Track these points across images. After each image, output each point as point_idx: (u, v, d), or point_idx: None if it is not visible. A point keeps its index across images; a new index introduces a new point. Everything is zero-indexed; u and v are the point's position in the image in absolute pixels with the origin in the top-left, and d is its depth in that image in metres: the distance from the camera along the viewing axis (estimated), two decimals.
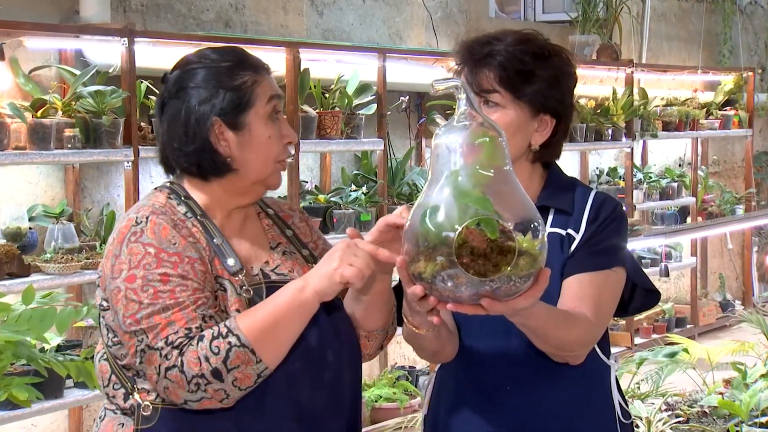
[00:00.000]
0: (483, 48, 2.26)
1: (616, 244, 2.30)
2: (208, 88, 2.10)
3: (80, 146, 4.21)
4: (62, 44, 4.49)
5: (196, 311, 1.99)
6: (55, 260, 4.20)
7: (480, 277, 1.77)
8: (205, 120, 2.09)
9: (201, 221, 2.11)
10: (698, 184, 8.37)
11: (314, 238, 2.31)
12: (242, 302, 2.06)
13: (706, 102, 8.49)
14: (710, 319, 8.34)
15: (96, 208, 4.71)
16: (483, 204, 1.78)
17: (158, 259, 2.01)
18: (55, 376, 3.66)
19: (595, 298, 2.22)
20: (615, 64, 7.40)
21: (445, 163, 1.84)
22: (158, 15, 5.03)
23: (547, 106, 2.28)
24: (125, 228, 2.05)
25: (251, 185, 2.15)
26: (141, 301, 1.99)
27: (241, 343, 1.95)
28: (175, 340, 1.96)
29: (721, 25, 9.28)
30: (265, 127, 2.12)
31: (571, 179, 2.41)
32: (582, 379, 2.32)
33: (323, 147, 5.30)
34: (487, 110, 2.24)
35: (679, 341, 5.53)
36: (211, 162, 2.11)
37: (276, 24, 5.63)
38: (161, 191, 2.16)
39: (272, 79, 2.17)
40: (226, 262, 2.09)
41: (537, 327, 2.10)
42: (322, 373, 2.10)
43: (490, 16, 7.27)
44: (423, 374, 5.95)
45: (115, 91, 4.28)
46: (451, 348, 2.32)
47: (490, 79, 2.24)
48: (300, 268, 2.20)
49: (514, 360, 2.29)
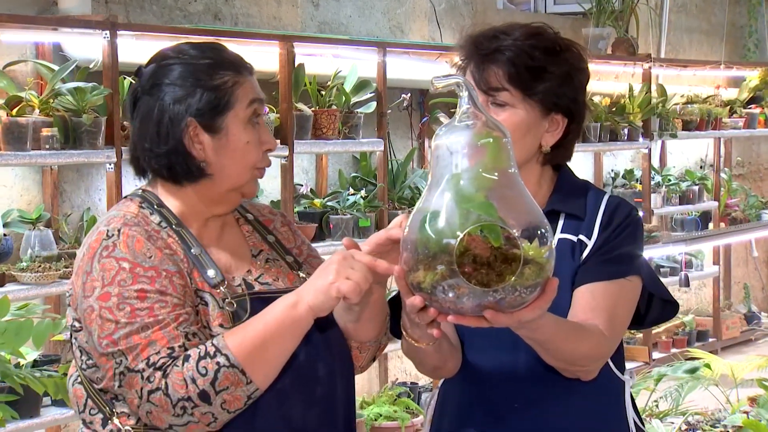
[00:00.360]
0: (490, 43, 2.26)
1: (630, 252, 2.30)
2: (184, 86, 2.09)
3: (59, 147, 4.21)
4: (39, 37, 4.50)
5: (177, 329, 1.98)
6: (31, 269, 4.20)
7: (483, 287, 1.77)
8: (179, 120, 2.09)
9: (176, 231, 2.11)
10: (721, 187, 8.37)
11: (298, 244, 2.31)
12: (225, 316, 2.06)
13: (729, 99, 8.50)
14: (734, 332, 8.34)
15: (76, 213, 4.71)
16: (486, 209, 1.78)
17: (134, 274, 2.00)
18: (32, 394, 3.65)
19: (609, 309, 2.22)
20: (631, 58, 7.41)
21: (446, 166, 1.84)
22: (142, 6, 5.04)
23: (559, 104, 2.29)
24: (95, 242, 2.04)
25: (226, 192, 2.15)
26: (117, 320, 1.98)
27: (230, 364, 1.95)
28: (158, 361, 1.96)
29: (746, 17, 9.29)
30: (243, 132, 2.11)
31: (583, 182, 2.42)
32: (594, 396, 2.32)
33: (319, 148, 5.31)
34: (494, 110, 2.24)
35: (701, 356, 5.53)
36: (184, 165, 2.11)
37: (268, 16, 5.64)
38: (132, 200, 2.15)
39: (254, 81, 2.16)
40: (205, 273, 2.09)
41: (545, 340, 2.11)
42: (313, 388, 2.10)
43: (497, 8, 7.29)
44: (426, 391, 5.95)
45: (96, 88, 4.28)
46: (453, 363, 2.32)
47: (498, 77, 2.24)
48: (285, 276, 2.21)
49: (521, 376, 2.29)
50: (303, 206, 5.43)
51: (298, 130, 5.12)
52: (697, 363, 5.13)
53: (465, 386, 2.36)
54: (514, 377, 2.30)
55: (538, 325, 1.99)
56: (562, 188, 2.36)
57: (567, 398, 2.29)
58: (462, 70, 2.31)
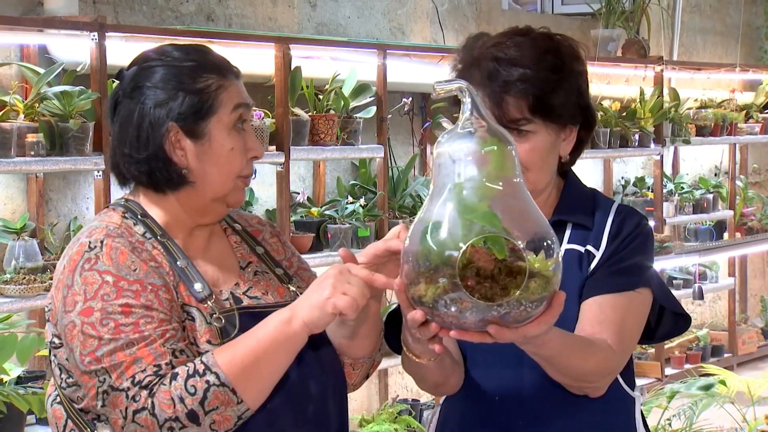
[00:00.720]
0: (501, 73, 2.24)
1: (640, 263, 2.31)
2: (166, 90, 2.09)
3: (44, 153, 4.21)
4: (24, 39, 4.50)
5: (164, 345, 1.98)
6: (15, 281, 4.20)
7: (486, 301, 1.77)
8: (160, 125, 2.09)
9: (161, 242, 2.11)
10: (736, 195, 8.38)
11: (288, 255, 2.31)
12: (213, 332, 2.06)
13: (745, 104, 8.51)
14: (751, 347, 8.34)
15: (62, 222, 4.72)
16: (490, 220, 1.78)
17: (118, 288, 1.99)
18: (16, 412, 3.65)
19: (618, 323, 2.23)
20: (643, 61, 7.42)
21: (448, 175, 1.84)
22: (132, 7, 5.05)
23: (574, 116, 2.33)
24: (77, 254, 2.04)
25: (210, 202, 2.14)
26: (101, 336, 1.97)
27: (220, 382, 1.94)
28: (143, 379, 1.95)
29: (763, 18, 9.30)
30: (227, 138, 2.11)
31: (591, 190, 2.43)
32: (603, 414, 2.32)
33: (317, 154, 5.32)
34: (516, 139, 2.25)
35: (716, 372, 5.53)
36: (165, 172, 2.10)
37: (264, 17, 5.65)
38: (115, 210, 2.15)
39: (241, 85, 2.16)
40: (192, 287, 2.08)
41: (551, 356, 2.11)
42: (305, 407, 2.10)
43: (502, 9, 7.30)
44: (428, 408, 5.95)
45: (83, 92, 4.29)
46: (455, 379, 2.32)
47: (520, 109, 2.25)
48: (274, 289, 2.20)
49: (526, 392, 2.29)
50: (300, 215, 5.43)
51: (294, 135, 5.12)
52: (711, 379, 5.13)
53: (468, 403, 2.36)
54: (519, 394, 2.30)
55: (544, 340, 1.99)
56: (569, 196, 2.38)
57: (574, 416, 2.30)
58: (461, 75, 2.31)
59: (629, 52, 7.50)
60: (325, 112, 5.28)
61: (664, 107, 7.32)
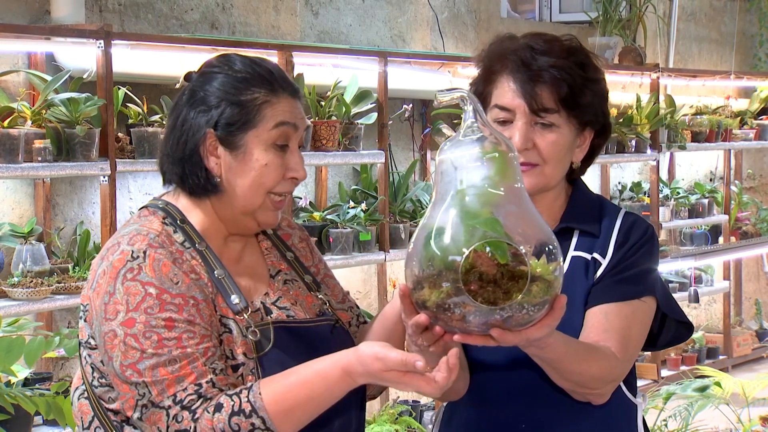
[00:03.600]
0: (536, 60, 2.24)
1: (646, 271, 2.29)
2: (214, 97, 2.08)
3: (51, 159, 4.22)
4: (32, 47, 4.51)
5: (206, 364, 1.97)
6: (23, 284, 4.20)
7: (489, 305, 1.77)
8: (198, 130, 2.08)
9: (200, 251, 2.09)
10: (731, 200, 8.38)
11: (315, 262, 2.30)
12: (249, 345, 2.04)
13: (739, 110, 8.51)
14: (745, 349, 8.33)
15: (69, 226, 4.72)
16: (492, 225, 1.79)
17: (161, 301, 1.98)
18: (23, 413, 3.65)
19: (622, 330, 2.21)
20: (639, 68, 7.42)
21: (451, 181, 1.85)
22: (137, 15, 5.05)
23: (595, 120, 2.32)
24: (118, 262, 2.01)
25: (240, 215, 2.11)
26: (144, 349, 1.96)
27: (265, 427, 1.93)
28: (185, 398, 1.94)
29: (757, 26, 9.31)
30: (263, 153, 2.08)
31: (598, 197, 2.42)
32: (606, 420, 2.31)
33: (319, 160, 5.32)
34: (539, 130, 2.25)
35: (711, 374, 5.52)
36: (196, 177, 2.09)
37: (267, 25, 5.65)
38: (154, 214, 2.12)
39: (294, 105, 2.12)
40: (229, 299, 2.07)
41: (554, 359, 2.10)
42: (333, 421, 2.09)
43: (501, 16, 7.30)
44: (428, 410, 5.95)
45: (89, 99, 4.29)
46: (460, 385, 2.30)
47: (552, 98, 2.24)
48: (303, 299, 2.19)
49: (529, 397, 2.28)
50: (302, 219, 5.43)
51: None
52: (707, 381, 5.12)
53: (471, 407, 2.35)
54: (522, 399, 2.29)
55: (547, 343, 1.99)
56: (576, 203, 2.37)
57: (577, 422, 2.28)
58: (485, 79, 2.30)
59: (626, 59, 7.51)
60: (327, 119, 5.28)
61: (660, 113, 7.32)
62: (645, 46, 7.79)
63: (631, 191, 7.76)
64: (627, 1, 7.71)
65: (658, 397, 5.08)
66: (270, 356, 2.05)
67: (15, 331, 2.90)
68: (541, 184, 2.28)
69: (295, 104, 2.12)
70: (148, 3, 5.10)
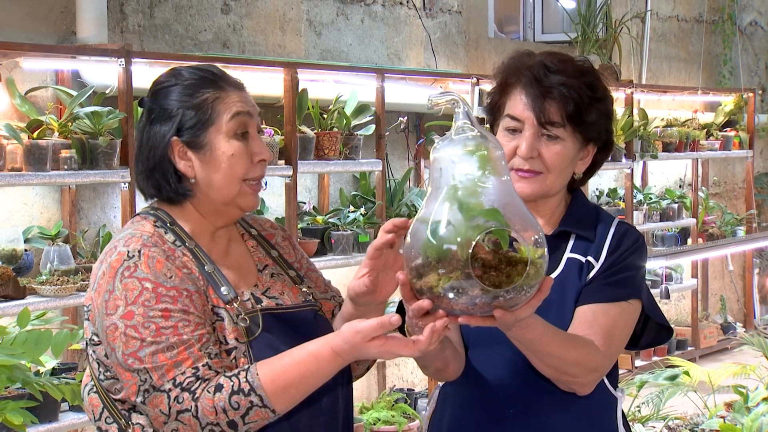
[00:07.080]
0: (548, 77, 2.24)
1: (634, 276, 2.29)
2: (171, 108, 2.08)
3: (76, 167, 4.21)
4: (59, 65, 4.51)
5: (201, 349, 1.97)
6: (50, 282, 4.19)
7: (495, 288, 1.79)
8: (163, 141, 2.08)
9: (190, 248, 2.09)
10: (699, 205, 8.38)
11: (298, 258, 2.30)
12: (239, 331, 2.05)
13: (706, 123, 8.51)
14: (711, 341, 8.33)
15: (92, 229, 4.71)
16: (493, 215, 1.80)
17: (157, 294, 1.98)
18: (50, 400, 3.64)
19: (607, 328, 2.20)
20: (615, 84, 7.41)
21: (445, 177, 1.85)
22: (155, 36, 5.04)
23: (599, 137, 2.32)
24: (116, 262, 2.02)
25: (222, 206, 2.12)
26: (143, 338, 1.96)
27: (263, 404, 1.93)
28: (184, 381, 1.94)
29: (721, 46, 9.32)
30: (228, 145, 2.08)
31: (594, 206, 2.42)
32: (588, 410, 2.30)
33: (321, 168, 5.31)
34: (546, 142, 2.24)
35: (680, 364, 5.52)
36: (168, 184, 2.10)
37: (274, 44, 5.65)
38: (146, 219, 2.13)
39: (243, 95, 2.12)
40: (219, 290, 2.07)
41: (533, 340, 2.08)
42: (320, 399, 2.09)
43: (489, 37, 7.30)
44: (422, 396, 5.94)
45: (111, 112, 4.29)
46: (455, 366, 2.30)
47: (560, 113, 2.24)
48: (289, 290, 2.19)
49: (521, 383, 2.27)
50: (306, 223, 5.42)
51: (301, 151, 5.12)
52: (676, 370, 5.12)
53: (466, 388, 2.34)
54: (513, 384, 2.28)
55: (528, 323, 1.98)
56: (575, 210, 2.37)
57: (562, 410, 2.27)
58: (501, 90, 2.29)
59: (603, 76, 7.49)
60: (329, 130, 5.28)
61: (634, 126, 7.32)
62: (620, 64, 7.79)
63: (608, 197, 7.76)
64: (603, 22, 7.71)
65: (632, 385, 5.07)
66: (259, 340, 2.06)
67: (43, 325, 2.89)
68: (542, 191, 2.27)
69: (243, 95, 2.13)
70: (165, 24, 5.09)
